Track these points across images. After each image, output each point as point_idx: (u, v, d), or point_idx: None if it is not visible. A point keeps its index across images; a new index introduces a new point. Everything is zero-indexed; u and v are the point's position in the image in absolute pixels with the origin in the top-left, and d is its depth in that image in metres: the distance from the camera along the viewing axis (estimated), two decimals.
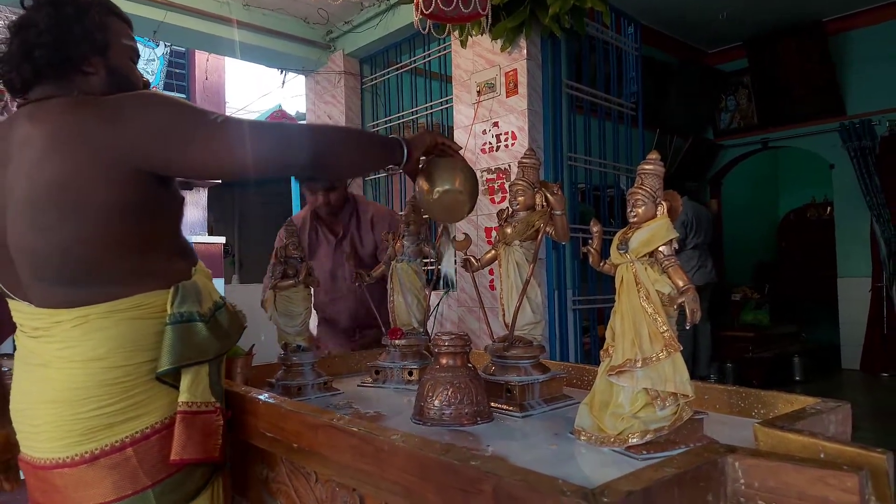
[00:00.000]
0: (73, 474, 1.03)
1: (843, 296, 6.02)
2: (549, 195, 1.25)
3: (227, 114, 1.13)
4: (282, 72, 4.68)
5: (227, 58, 5.84)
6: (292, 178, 6.70)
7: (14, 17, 1.13)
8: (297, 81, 4.94)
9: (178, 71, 8.27)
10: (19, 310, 1.10)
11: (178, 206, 1.18)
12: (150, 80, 1.31)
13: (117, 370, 1.05)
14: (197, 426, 1.07)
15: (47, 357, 1.06)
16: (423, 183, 1.42)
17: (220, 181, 6.36)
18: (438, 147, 1.41)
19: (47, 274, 1.05)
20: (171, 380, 1.09)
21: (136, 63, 1.22)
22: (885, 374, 5.58)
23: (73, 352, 1.04)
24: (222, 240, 6.28)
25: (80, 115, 1.04)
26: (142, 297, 1.08)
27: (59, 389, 1.04)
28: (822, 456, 0.75)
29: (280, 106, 5.08)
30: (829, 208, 7.20)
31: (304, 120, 4.88)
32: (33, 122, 1.05)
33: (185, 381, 1.08)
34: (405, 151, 1.31)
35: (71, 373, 1.04)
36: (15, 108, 1.14)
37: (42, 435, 1.05)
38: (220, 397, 1.16)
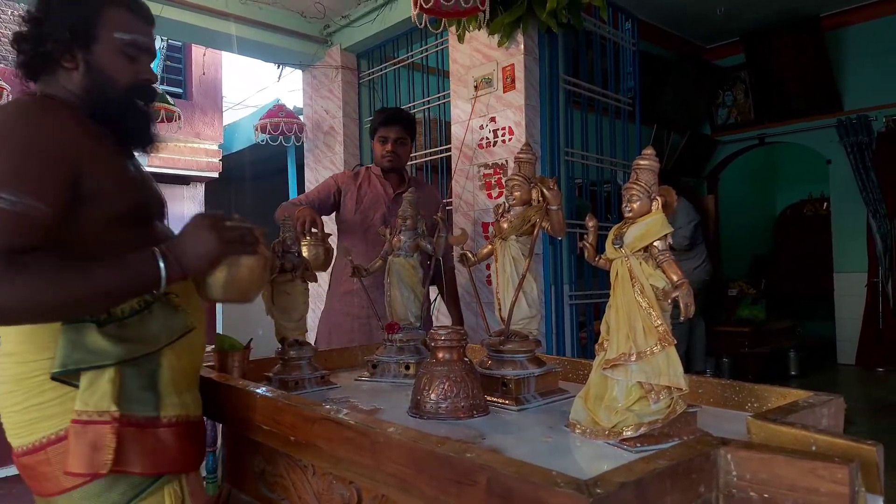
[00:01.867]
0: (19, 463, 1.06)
1: (839, 291, 6.05)
2: (545, 190, 1.25)
3: (20, 203, 0.94)
4: (278, 66, 4.67)
5: (223, 52, 5.83)
6: (291, 174, 6.71)
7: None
8: (295, 76, 4.94)
9: (174, 65, 8.26)
10: None
11: (103, 201, 1.06)
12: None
13: (25, 366, 1.03)
14: (87, 437, 1.00)
15: None
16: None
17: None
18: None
19: None
20: (76, 382, 1.02)
21: (138, 57, 1.15)
22: (881, 370, 5.61)
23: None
24: None
25: None
26: None
27: None
28: (813, 448, 0.76)
29: (278, 100, 5.06)
30: (825, 204, 7.22)
31: (301, 115, 4.86)
32: None
33: (81, 387, 1.01)
34: (163, 278, 1.03)
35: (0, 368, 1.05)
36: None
37: None
38: (154, 403, 1.07)
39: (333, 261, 2.43)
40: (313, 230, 2.20)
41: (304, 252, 1.95)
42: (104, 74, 1.11)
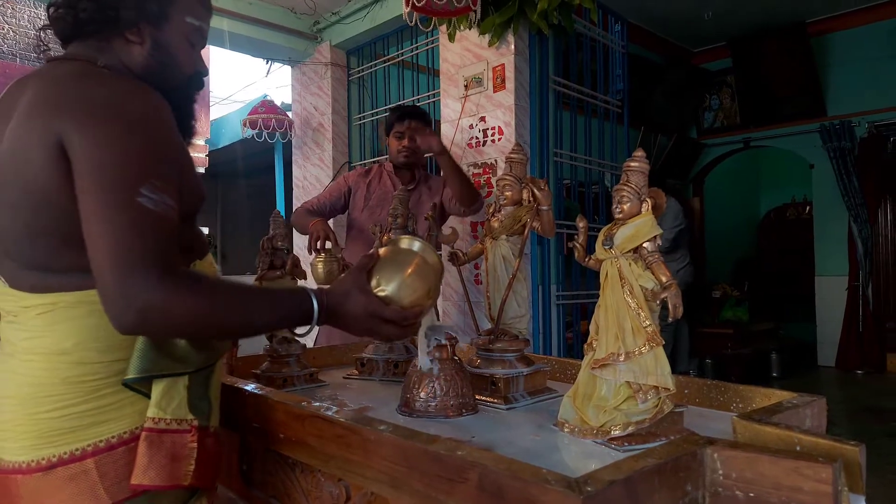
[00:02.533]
0: (28, 482, 0.91)
1: (820, 294, 6.14)
2: (536, 190, 1.26)
3: (163, 204, 0.88)
4: (267, 62, 4.64)
5: (211, 47, 5.78)
6: (279, 171, 6.68)
7: None
8: (283, 71, 4.90)
9: None
10: None
11: (183, 196, 0.99)
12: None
13: (84, 367, 0.92)
14: (164, 447, 0.93)
15: (15, 347, 0.95)
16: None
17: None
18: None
19: (15, 254, 0.94)
20: (144, 388, 0.95)
21: (198, 47, 1.10)
22: (860, 372, 5.70)
23: (35, 343, 0.93)
24: (205, 230, 6.24)
25: (66, 88, 0.92)
26: None
27: (19, 384, 0.93)
28: (797, 448, 0.77)
29: (266, 96, 5.02)
30: (808, 207, 7.33)
31: (290, 111, 4.83)
32: (34, 83, 0.95)
33: (155, 394, 0.94)
34: (313, 323, 1.00)
35: (32, 367, 0.93)
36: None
37: (1, 434, 0.94)
38: (207, 413, 1.02)
39: None
40: (327, 245, 2.22)
41: (319, 268, 1.96)
42: (172, 57, 1.05)
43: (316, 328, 1.02)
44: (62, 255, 0.92)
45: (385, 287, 1.03)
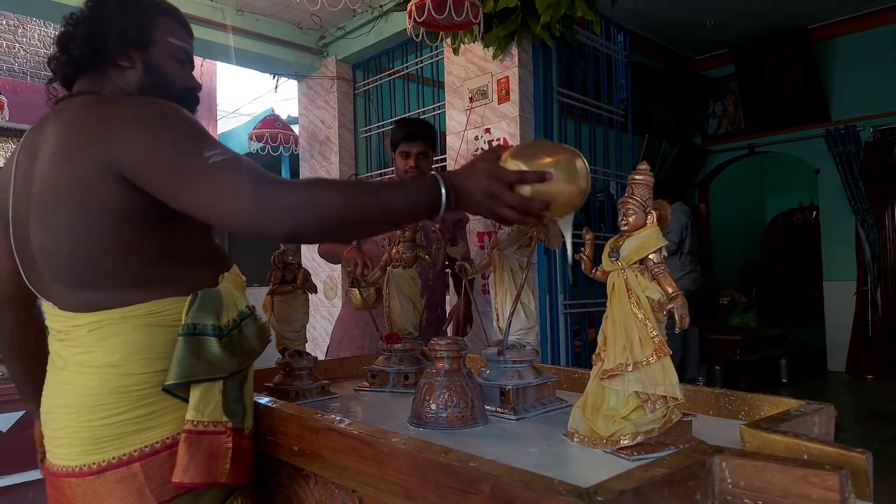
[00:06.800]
0: (81, 485, 1.00)
1: (828, 299, 6.11)
2: None
3: (237, 154, 0.99)
4: (274, 77, 4.69)
5: (218, 62, 5.85)
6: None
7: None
8: (289, 85, 4.95)
9: None
10: (47, 311, 1.08)
11: None
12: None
13: (131, 378, 1.01)
14: (202, 447, 1.01)
15: (67, 361, 1.04)
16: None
17: None
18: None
19: (60, 276, 1.03)
20: (182, 394, 1.03)
21: (186, 65, 1.19)
22: (870, 377, 5.67)
23: (87, 357, 1.02)
24: None
25: (91, 114, 1.01)
26: (158, 304, 1.03)
27: (73, 394, 1.02)
28: (805, 456, 0.78)
29: (272, 110, 5.08)
30: (814, 212, 7.31)
31: (297, 124, 4.88)
32: (55, 119, 1.04)
33: (193, 398, 1.02)
34: (443, 204, 1.02)
35: (86, 378, 1.01)
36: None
37: (57, 441, 1.03)
38: (242, 416, 1.10)
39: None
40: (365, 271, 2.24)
41: (358, 294, 1.99)
42: (163, 75, 1.14)
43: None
44: (107, 271, 1.01)
45: (515, 161, 0.99)
